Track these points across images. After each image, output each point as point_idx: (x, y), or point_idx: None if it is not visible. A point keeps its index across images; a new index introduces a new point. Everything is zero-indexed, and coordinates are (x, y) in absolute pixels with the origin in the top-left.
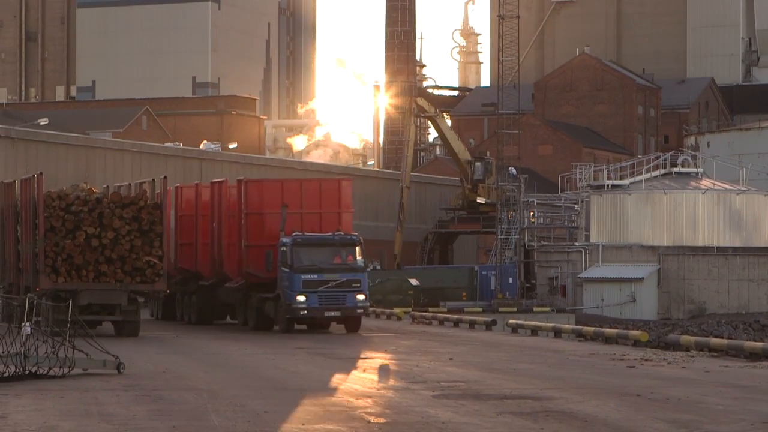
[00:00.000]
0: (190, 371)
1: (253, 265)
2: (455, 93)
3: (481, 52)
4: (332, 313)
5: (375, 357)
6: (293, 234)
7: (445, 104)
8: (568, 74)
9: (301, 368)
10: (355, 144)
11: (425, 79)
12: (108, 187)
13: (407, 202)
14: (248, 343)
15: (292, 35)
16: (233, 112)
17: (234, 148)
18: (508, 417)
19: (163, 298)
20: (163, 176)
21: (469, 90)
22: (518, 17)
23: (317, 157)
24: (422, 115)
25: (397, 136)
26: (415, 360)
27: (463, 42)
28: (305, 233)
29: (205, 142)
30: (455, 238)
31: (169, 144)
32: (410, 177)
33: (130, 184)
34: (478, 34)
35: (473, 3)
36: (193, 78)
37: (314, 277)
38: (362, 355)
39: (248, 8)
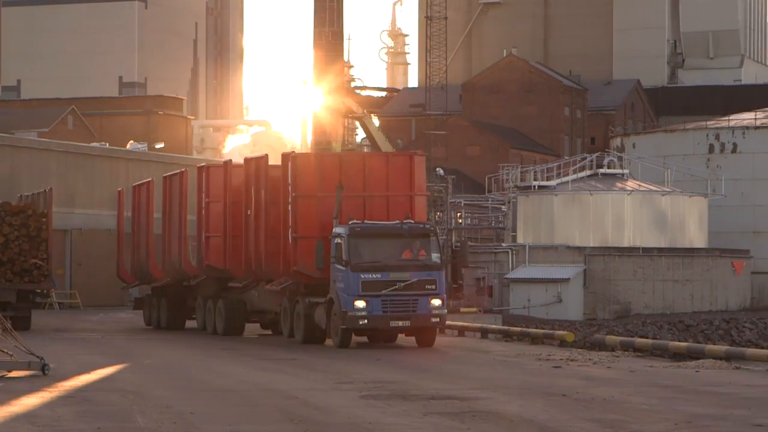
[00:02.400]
0: (116, 372)
1: (304, 261)
2: (383, 94)
3: (408, 53)
4: (400, 323)
5: (302, 357)
6: (350, 222)
7: (372, 105)
8: (496, 75)
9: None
10: (284, 144)
11: (353, 79)
12: None
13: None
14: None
15: (220, 35)
16: (160, 112)
17: (161, 148)
18: (435, 417)
19: (167, 300)
20: (49, 188)
21: (397, 91)
22: (446, 18)
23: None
24: (350, 115)
25: (325, 137)
26: (343, 360)
27: (390, 43)
28: (365, 221)
29: (131, 142)
30: None
31: (95, 144)
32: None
33: (20, 195)
34: (406, 35)
35: (401, 4)
36: (120, 78)
37: (377, 276)
38: (289, 356)
39: (175, 8)
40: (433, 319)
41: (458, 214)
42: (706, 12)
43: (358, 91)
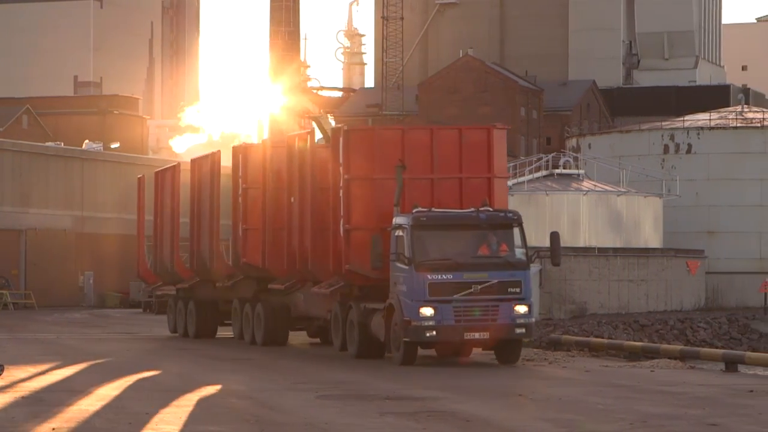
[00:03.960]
0: (73, 373)
1: (358, 258)
2: (339, 94)
3: (365, 53)
4: (476, 335)
5: (257, 357)
6: (414, 210)
7: (329, 105)
8: (452, 76)
9: None
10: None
11: (309, 79)
12: None
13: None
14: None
15: (176, 35)
16: (115, 112)
17: (116, 147)
18: (391, 417)
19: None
20: None
21: (354, 91)
22: (402, 19)
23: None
24: (306, 115)
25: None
26: (299, 360)
27: (347, 43)
28: (432, 209)
29: (87, 141)
30: None
31: (50, 143)
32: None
33: None
34: (363, 35)
35: (357, 4)
36: (75, 77)
37: (448, 277)
38: (245, 356)
39: (131, 7)
40: (518, 330)
41: None
42: (661, 13)
43: (314, 90)
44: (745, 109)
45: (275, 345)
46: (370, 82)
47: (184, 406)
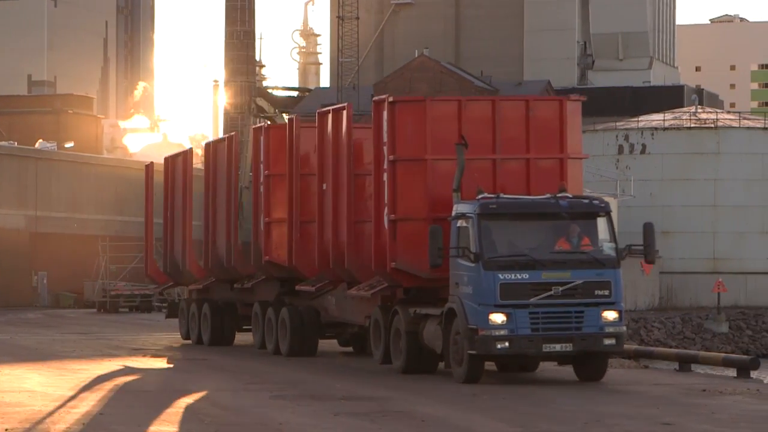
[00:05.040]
0: (24, 372)
1: (406, 254)
2: (295, 93)
3: (320, 53)
4: (557, 347)
5: (211, 358)
6: (479, 196)
7: (284, 105)
8: (407, 76)
9: None
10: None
11: (265, 79)
12: None
13: (246, 202)
14: None
15: (130, 34)
16: (70, 111)
17: (71, 147)
18: (346, 417)
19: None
20: None
21: (309, 91)
22: (358, 18)
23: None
24: (261, 115)
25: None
26: (253, 360)
27: (302, 42)
28: (501, 195)
29: (40, 141)
30: None
31: (3, 143)
32: (249, 177)
33: None
34: (318, 35)
35: (313, 4)
36: (29, 76)
37: (523, 277)
38: (200, 356)
39: (85, 6)
40: (607, 341)
41: None
42: (615, 14)
43: (270, 90)
44: (699, 110)
45: (303, 355)
46: (325, 82)
47: (138, 406)
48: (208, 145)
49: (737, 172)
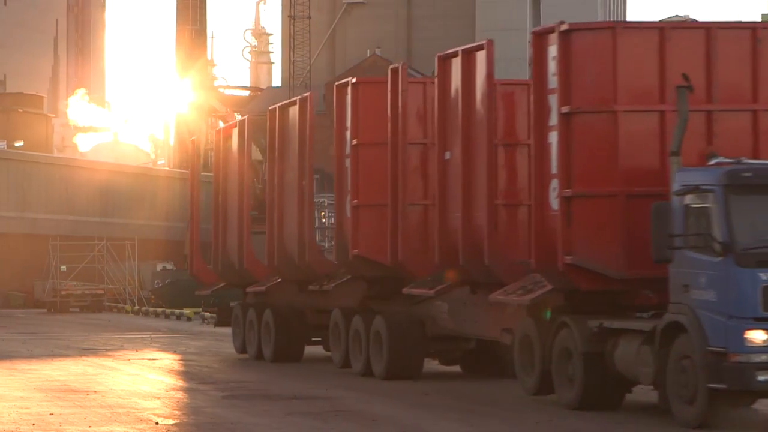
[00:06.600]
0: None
1: (586, 245)
2: (247, 93)
3: (272, 52)
4: None
5: (163, 358)
6: (713, 160)
7: (236, 104)
8: (359, 75)
9: None
10: (145, 144)
11: (216, 78)
12: None
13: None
14: None
15: (81, 33)
16: (20, 110)
17: (20, 146)
18: (298, 417)
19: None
20: None
21: (261, 90)
22: (309, 18)
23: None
24: (214, 114)
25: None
26: (205, 361)
27: (254, 41)
28: (749, 161)
29: None
30: None
31: None
32: (202, 177)
33: None
34: (270, 34)
35: (264, 3)
36: None
37: None
38: (149, 356)
39: (35, 5)
40: None
41: (322, 214)
42: (566, 13)
43: (221, 89)
44: None
45: (404, 378)
46: (277, 81)
47: (89, 406)
48: (272, 110)
49: None
